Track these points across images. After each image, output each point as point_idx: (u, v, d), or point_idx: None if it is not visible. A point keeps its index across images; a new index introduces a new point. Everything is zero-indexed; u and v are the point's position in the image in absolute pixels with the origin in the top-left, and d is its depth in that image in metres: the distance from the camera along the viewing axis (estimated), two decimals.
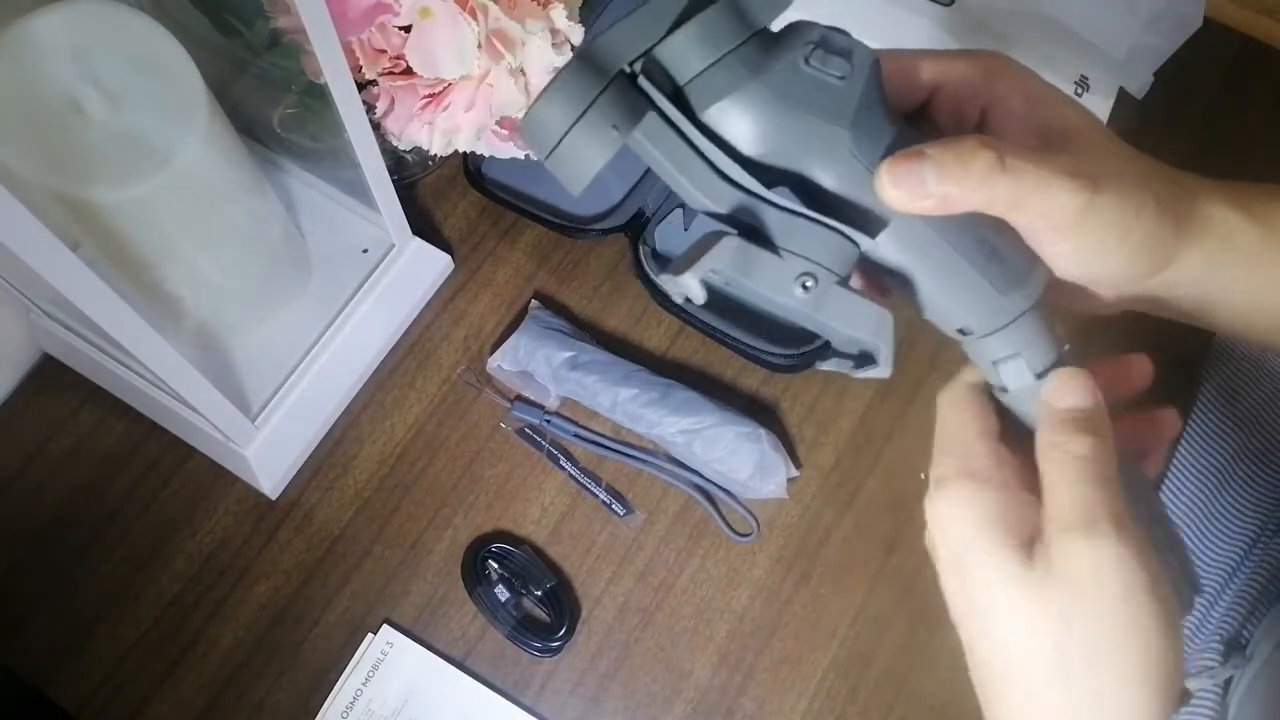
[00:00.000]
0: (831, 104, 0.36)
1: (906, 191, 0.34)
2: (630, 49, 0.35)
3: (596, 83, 0.34)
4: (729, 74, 0.35)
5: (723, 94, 0.36)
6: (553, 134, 0.34)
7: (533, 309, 0.72)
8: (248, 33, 0.60)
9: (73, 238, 0.52)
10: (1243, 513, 0.72)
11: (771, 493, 0.66)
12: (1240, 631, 0.67)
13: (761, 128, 0.36)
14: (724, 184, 0.37)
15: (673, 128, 0.36)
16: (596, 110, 0.34)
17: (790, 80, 0.36)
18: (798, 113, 0.36)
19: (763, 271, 0.36)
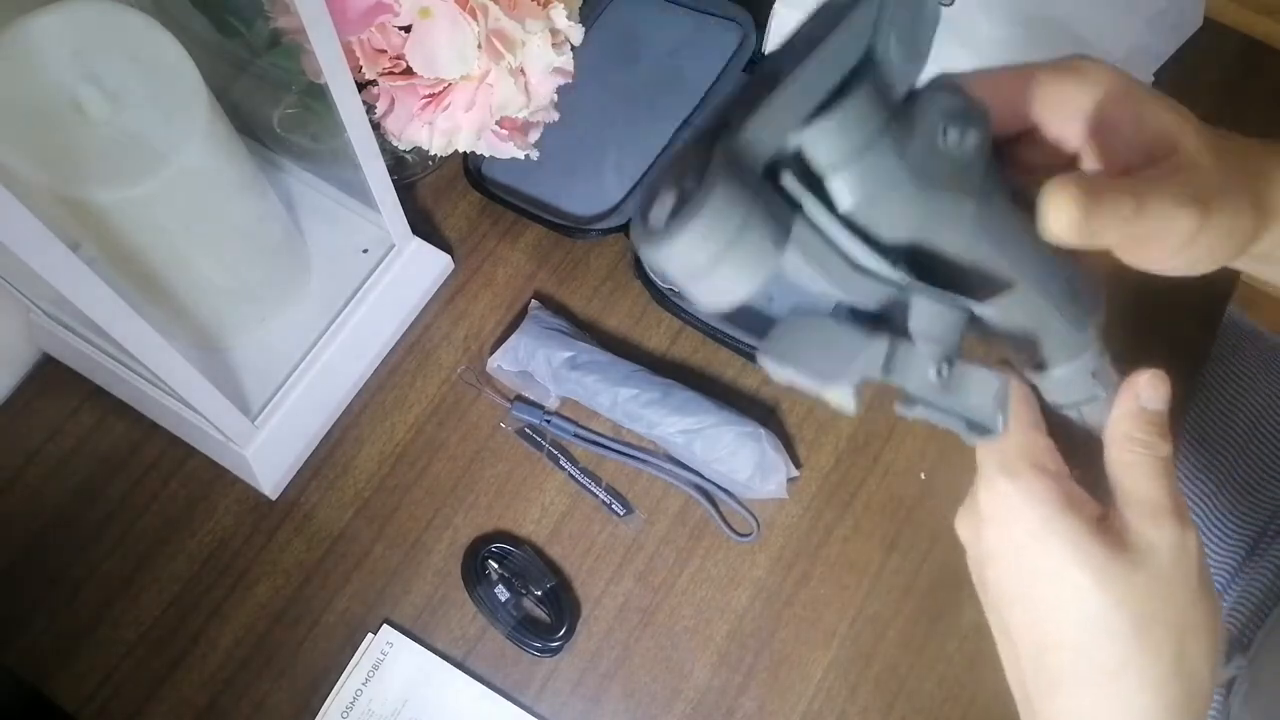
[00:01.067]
0: (962, 178, 0.35)
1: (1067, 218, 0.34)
2: (772, 141, 0.32)
3: (749, 194, 0.30)
4: (877, 164, 0.33)
5: (870, 186, 0.33)
6: (702, 258, 0.30)
7: (533, 309, 0.72)
8: (248, 33, 0.60)
9: (73, 238, 0.52)
10: (1245, 514, 0.73)
11: (771, 493, 0.66)
12: (1243, 632, 0.67)
13: (902, 214, 0.34)
14: (861, 277, 0.35)
15: (814, 228, 0.33)
16: (754, 228, 0.30)
17: (928, 161, 0.34)
18: (935, 192, 0.34)
19: (901, 364, 0.35)
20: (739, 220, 0.30)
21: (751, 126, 0.31)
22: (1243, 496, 0.73)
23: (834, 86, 0.32)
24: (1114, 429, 0.39)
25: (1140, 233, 0.35)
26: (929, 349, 0.35)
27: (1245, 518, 0.72)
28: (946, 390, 0.36)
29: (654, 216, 0.31)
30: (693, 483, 0.68)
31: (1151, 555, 0.36)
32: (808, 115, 0.32)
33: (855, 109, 0.32)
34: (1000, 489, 0.38)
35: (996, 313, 0.37)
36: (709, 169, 0.30)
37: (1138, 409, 0.39)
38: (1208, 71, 0.85)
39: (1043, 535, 0.37)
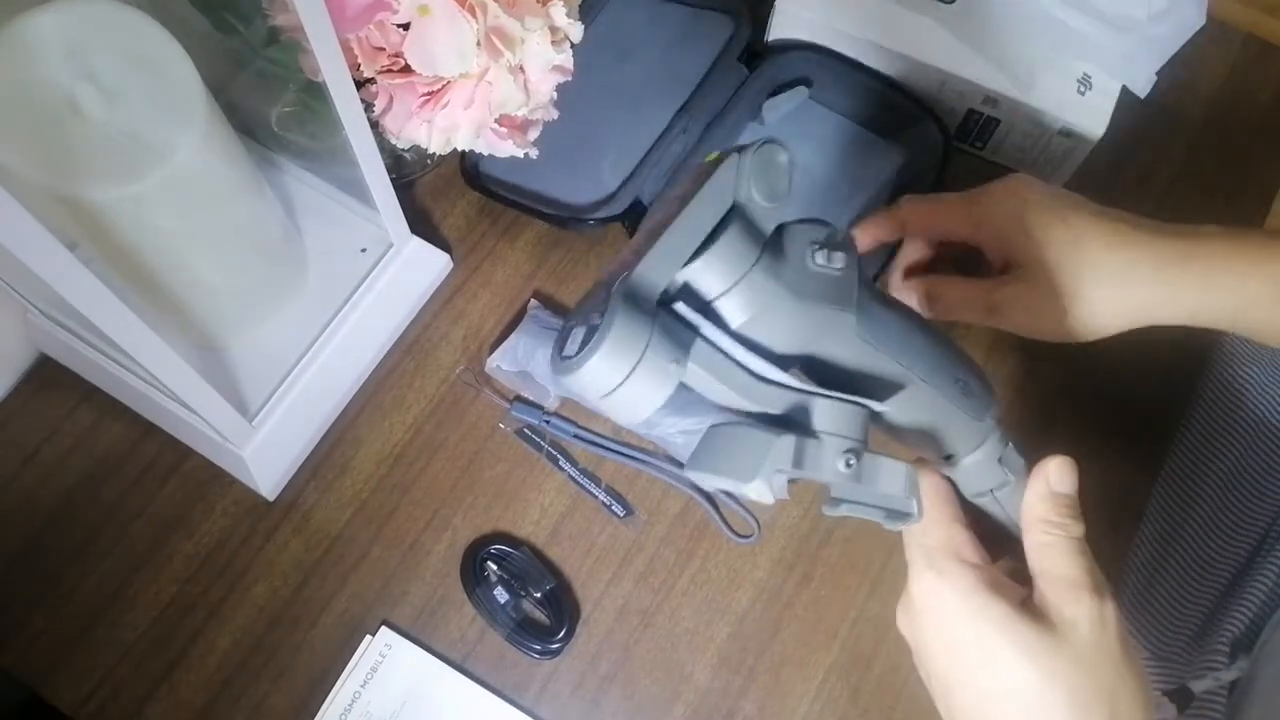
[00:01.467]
0: (838, 294, 0.41)
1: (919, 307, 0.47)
2: (661, 279, 0.38)
3: (646, 323, 0.36)
4: (756, 286, 0.39)
5: (754, 305, 0.39)
6: (611, 380, 0.36)
7: (532, 308, 0.72)
8: (245, 30, 0.60)
9: (69, 237, 0.52)
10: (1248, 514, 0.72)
11: None
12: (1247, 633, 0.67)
13: (788, 327, 0.40)
14: (763, 385, 0.39)
15: (713, 346, 0.39)
16: (653, 350, 0.36)
17: (803, 280, 0.40)
18: (813, 304, 0.40)
19: (811, 458, 0.39)
20: (640, 344, 0.36)
21: (641, 269, 0.37)
22: (1245, 497, 0.73)
23: (708, 231, 0.38)
24: (1029, 514, 0.43)
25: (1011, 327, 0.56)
26: (835, 444, 0.39)
27: (1247, 519, 0.72)
28: (857, 481, 0.40)
29: (568, 349, 0.37)
30: (693, 484, 0.68)
31: (1074, 629, 0.39)
32: (690, 255, 0.38)
33: (730, 244, 0.38)
34: (929, 583, 0.42)
35: (895, 410, 0.42)
36: (609, 304, 0.36)
37: (1049, 493, 0.42)
38: (1211, 70, 0.85)
39: (974, 622, 0.40)
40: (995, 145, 0.79)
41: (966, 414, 0.44)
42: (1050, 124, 0.74)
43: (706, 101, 0.76)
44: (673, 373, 0.37)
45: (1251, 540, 0.72)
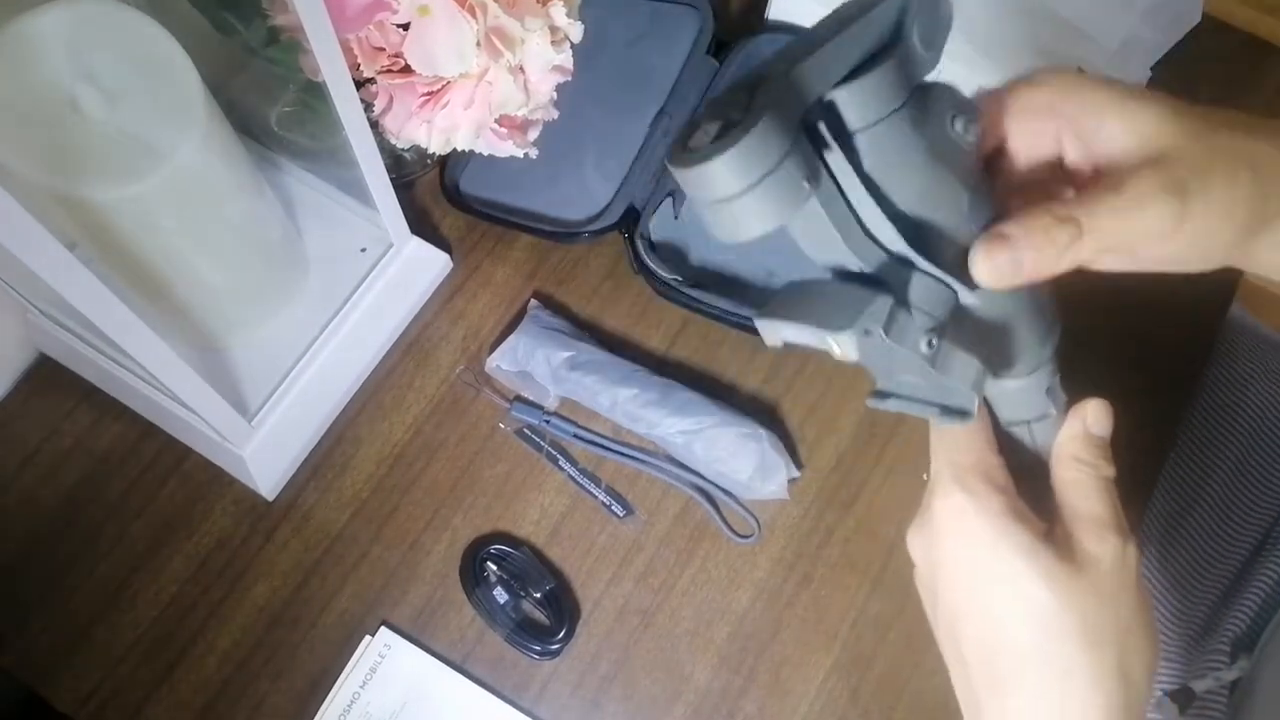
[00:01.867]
0: (962, 168, 0.38)
1: (1000, 274, 0.36)
2: (813, 90, 0.34)
3: (791, 128, 0.33)
4: (898, 130, 0.36)
5: (891, 150, 0.36)
6: (738, 183, 0.32)
7: (532, 308, 0.72)
8: (246, 31, 0.60)
9: (69, 237, 0.52)
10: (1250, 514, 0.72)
11: (772, 493, 0.66)
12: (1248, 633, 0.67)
13: (915, 185, 0.37)
14: (869, 241, 0.37)
15: (837, 185, 0.36)
16: (792, 160, 0.33)
17: (939, 142, 0.37)
18: (947, 173, 0.37)
19: (899, 327, 0.37)
20: (780, 151, 0.32)
21: (802, 70, 0.34)
22: (1246, 496, 0.73)
23: (863, 58, 0.35)
24: (1061, 449, 0.42)
25: (1090, 255, 0.37)
26: (923, 320, 0.37)
27: (1249, 518, 0.72)
28: (932, 366, 0.37)
29: (696, 142, 0.33)
30: (693, 483, 0.68)
31: (1095, 565, 0.39)
32: (842, 78, 0.35)
33: (885, 77, 0.35)
34: (955, 502, 0.40)
35: (978, 303, 0.39)
36: (756, 100, 0.32)
37: (1084, 432, 0.42)
38: (1209, 70, 0.85)
39: (996, 544, 0.39)
40: None
41: (1035, 332, 0.41)
42: None
43: (683, 100, 0.76)
44: (803, 193, 0.33)
45: (1252, 540, 0.72)
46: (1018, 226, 0.36)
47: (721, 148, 0.32)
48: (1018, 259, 0.36)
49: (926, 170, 0.37)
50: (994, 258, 0.36)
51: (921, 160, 0.37)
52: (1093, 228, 0.36)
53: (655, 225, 0.73)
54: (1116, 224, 0.36)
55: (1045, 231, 0.36)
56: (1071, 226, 0.36)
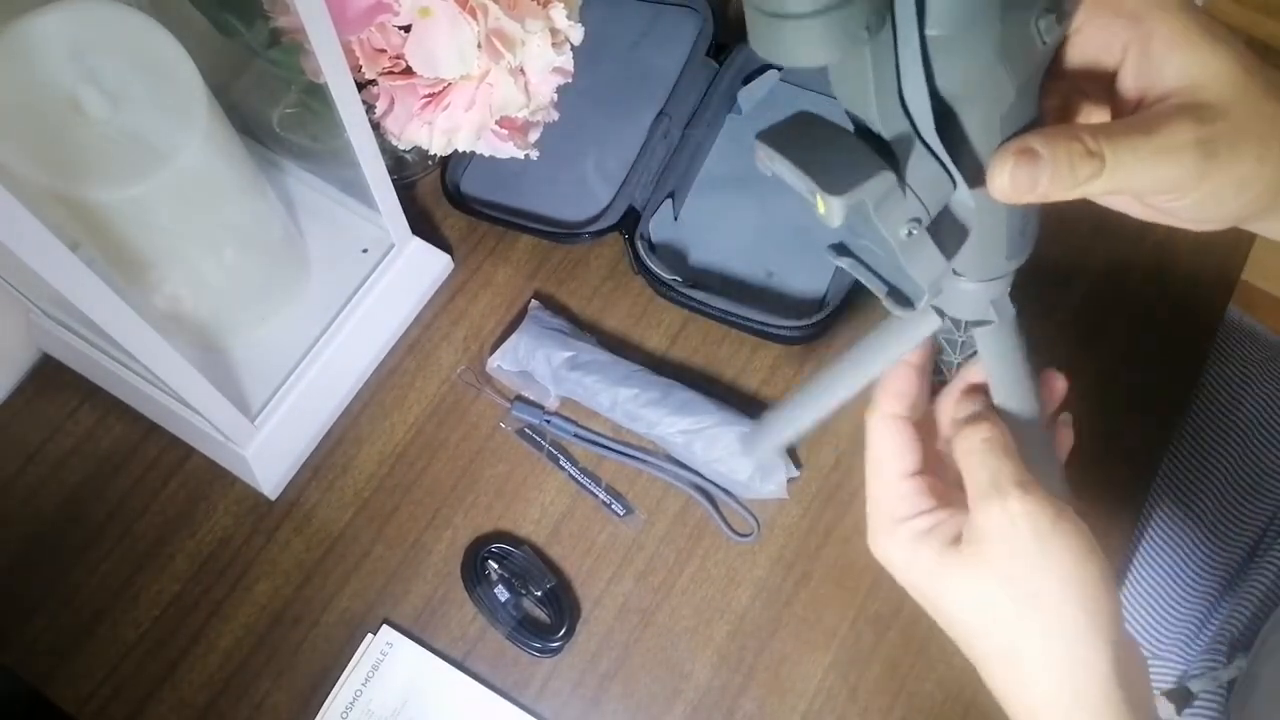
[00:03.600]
0: (1024, 65, 0.35)
1: (1014, 189, 0.35)
2: None
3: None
4: (978, 13, 0.33)
5: (964, 28, 0.33)
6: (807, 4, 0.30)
7: (532, 308, 0.72)
8: (247, 32, 0.60)
9: (72, 237, 0.52)
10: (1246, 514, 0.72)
11: (772, 493, 0.66)
12: (1245, 633, 0.67)
13: (968, 73, 0.35)
14: (900, 110, 0.35)
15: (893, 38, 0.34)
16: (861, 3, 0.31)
17: (1014, 35, 0.34)
18: (1002, 72, 0.35)
19: (889, 207, 0.36)
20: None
21: None
22: (1243, 496, 0.73)
23: None
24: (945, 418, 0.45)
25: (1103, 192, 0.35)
26: (912, 206, 0.36)
27: (1245, 518, 0.72)
28: (904, 252, 0.37)
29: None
30: (693, 483, 0.68)
31: (986, 539, 0.39)
32: None
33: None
34: (877, 547, 0.45)
35: (972, 202, 0.38)
36: None
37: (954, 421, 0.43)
38: None
39: (916, 571, 0.42)
40: None
41: (1011, 245, 0.41)
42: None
43: (683, 102, 0.77)
44: (862, 39, 0.32)
45: (1249, 540, 0.72)
46: (1045, 146, 0.35)
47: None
48: (1035, 178, 0.35)
49: (987, 65, 0.35)
50: (1015, 171, 0.35)
51: (988, 53, 0.34)
52: (1115, 165, 0.35)
53: (655, 226, 0.74)
54: (1137, 169, 0.35)
55: (1070, 160, 0.35)
56: (1097, 162, 0.35)
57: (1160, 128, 0.35)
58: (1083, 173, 0.35)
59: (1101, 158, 0.34)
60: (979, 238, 0.39)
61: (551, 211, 0.75)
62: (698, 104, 0.77)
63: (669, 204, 0.74)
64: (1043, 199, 0.35)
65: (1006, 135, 0.36)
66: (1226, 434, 0.75)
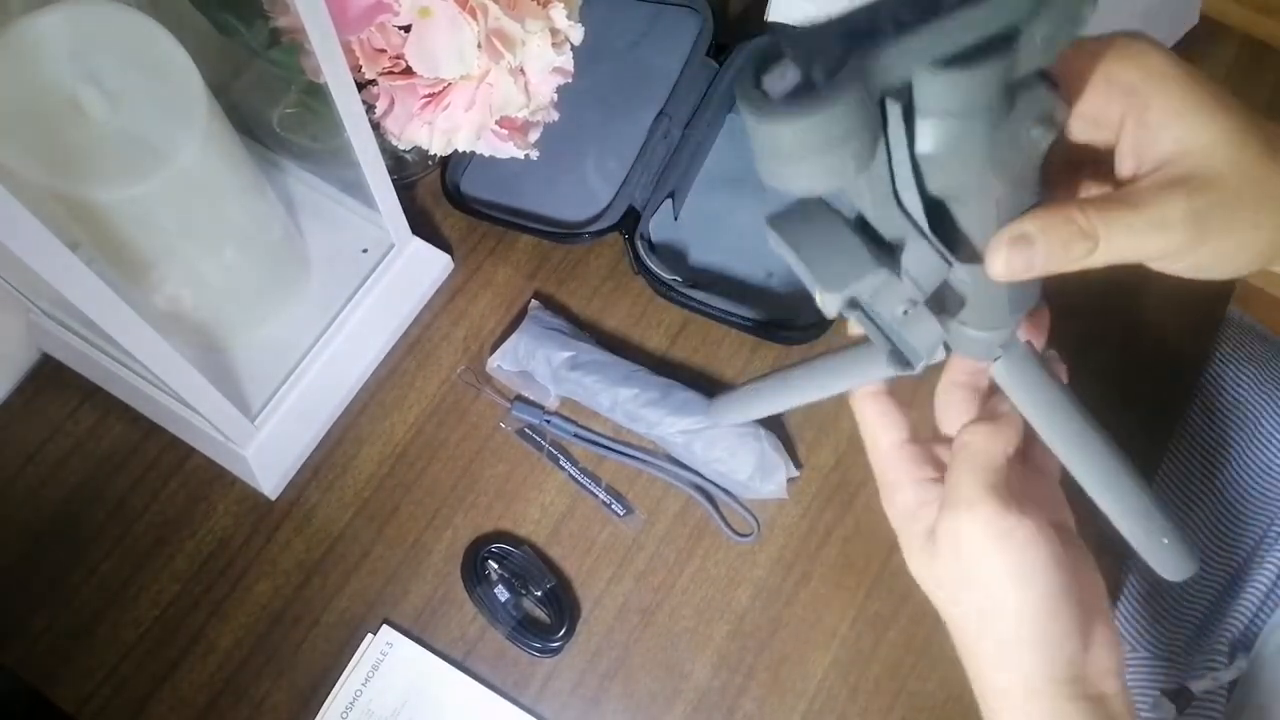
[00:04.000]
0: (1018, 168, 0.36)
1: (1012, 271, 0.37)
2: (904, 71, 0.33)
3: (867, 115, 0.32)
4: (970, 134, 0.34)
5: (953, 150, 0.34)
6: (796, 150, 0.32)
7: (532, 309, 0.72)
8: (247, 32, 0.60)
9: (72, 237, 0.52)
10: (1247, 514, 0.72)
11: (772, 493, 0.66)
12: (1245, 633, 0.67)
13: (958, 178, 0.36)
14: (895, 207, 0.37)
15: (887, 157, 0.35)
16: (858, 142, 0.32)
17: (1008, 144, 0.35)
18: (992, 174, 0.35)
19: (884, 296, 0.38)
20: (848, 132, 0.32)
21: (893, 54, 0.32)
22: (1243, 497, 0.73)
23: (977, 41, 0.32)
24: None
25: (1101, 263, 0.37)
26: (909, 290, 0.38)
27: (1246, 519, 0.72)
28: (901, 328, 0.39)
29: (770, 85, 0.32)
30: (693, 483, 0.68)
31: (939, 551, 0.43)
32: (939, 59, 0.32)
33: (987, 76, 0.33)
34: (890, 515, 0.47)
35: (968, 276, 0.39)
36: (844, 72, 0.31)
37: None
38: (1207, 70, 0.85)
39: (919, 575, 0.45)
40: None
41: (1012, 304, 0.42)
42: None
43: (683, 102, 0.77)
44: (852, 172, 0.33)
45: (1250, 540, 0.72)
46: (1040, 230, 0.36)
47: (794, 113, 0.31)
48: (1031, 261, 0.36)
49: (979, 172, 0.36)
50: (1011, 256, 0.36)
51: (979, 163, 0.35)
52: (1108, 242, 0.36)
53: (655, 226, 0.74)
54: (1130, 243, 0.37)
55: (1065, 241, 0.36)
56: (1090, 241, 0.36)
57: (1151, 202, 0.36)
58: (1077, 252, 0.36)
59: (1095, 237, 0.36)
60: (979, 302, 0.41)
61: (551, 211, 0.75)
62: (698, 104, 0.77)
63: (669, 204, 0.74)
64: (1041, 274, 0.37)
65: (1003, 221, 0.37)
66: (1226, 434, 0.75)
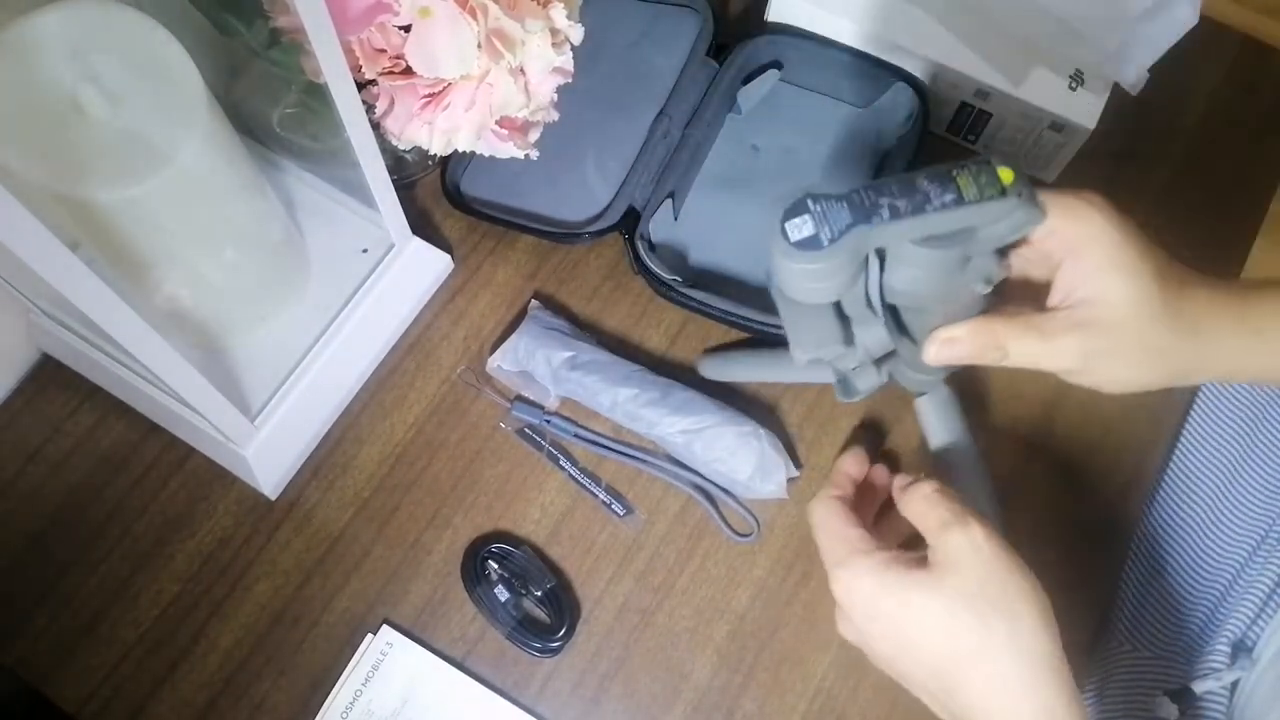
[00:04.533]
0: (960, 304, 0.50)
1: (940, 360, 0.51)
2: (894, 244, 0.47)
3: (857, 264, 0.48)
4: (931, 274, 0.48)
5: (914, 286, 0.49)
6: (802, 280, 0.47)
7: (533, 309, 0.72)
8: (247, 33, 0.60)
9: (72, 237, 0.52)
10: (1248, 513, 0.72)
11: (772, 492, 0.66)
12: (1247, 633, 0.67)
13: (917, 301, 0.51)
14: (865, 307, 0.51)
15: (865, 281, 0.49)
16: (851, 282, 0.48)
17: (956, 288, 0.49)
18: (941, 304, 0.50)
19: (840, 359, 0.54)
20: (839, 271, 0.47)
21: (888, 233, 0.46)
22: (1244, 498, 0.73)
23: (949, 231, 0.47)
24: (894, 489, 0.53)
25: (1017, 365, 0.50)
26: (862, 355, 0.53)
27: (1246, 519, 0.72)
28: (850, 374, 0.57)
29: (790, 228, 0.46)
30: (693, 483, 0.68)
31: (956, 561, 0.47)
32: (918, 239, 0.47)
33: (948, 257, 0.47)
34: (844, 581, 0.51)
35: (907, 352, 0.54)
36: (844, 239, 0.46)
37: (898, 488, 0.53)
38: (1208, 71, 0.85)
39: (887, 591, 0.49)
40: (987, 139, 0.80)
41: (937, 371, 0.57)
42: (1041, 118, 0.75)
43: (683, 102, 0.77)
44: (836, 292, 0.48)
45: (1251, 540, 0.72)
46: (965, 337, 0.49)
47: (799, 257, 0.46)
48: (956, 357, 0.50)
49: (931, 302, 0.50)
50: (941, 352, 0.50)
51: (931, 300, 0.50)
52: (1015, 355, 0.49)
53: (655, 226, 0.74)
54: (1030, 360, 0.49)
55: (983, 348, 0.49)
56: (1000, 353, 0.49)
57: (1054, 336, 0.48)
58: (990, 357, 0.49)
59: (1005, 350, 0.49)
60: (916, 363, 0.54)
61: (551, 211, 0.75)
62: (698, 104, 0.77)
63: (669, 204, 0.74)
64: (962, 365, 0.51)
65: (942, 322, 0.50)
66: (1228, 434, 0.75)
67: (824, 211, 0.46)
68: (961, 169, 0.46)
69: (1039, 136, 0.76)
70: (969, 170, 0.46)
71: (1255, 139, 0.83)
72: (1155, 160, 0.82)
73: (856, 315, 0.51)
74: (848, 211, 0.46)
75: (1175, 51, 0.73)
